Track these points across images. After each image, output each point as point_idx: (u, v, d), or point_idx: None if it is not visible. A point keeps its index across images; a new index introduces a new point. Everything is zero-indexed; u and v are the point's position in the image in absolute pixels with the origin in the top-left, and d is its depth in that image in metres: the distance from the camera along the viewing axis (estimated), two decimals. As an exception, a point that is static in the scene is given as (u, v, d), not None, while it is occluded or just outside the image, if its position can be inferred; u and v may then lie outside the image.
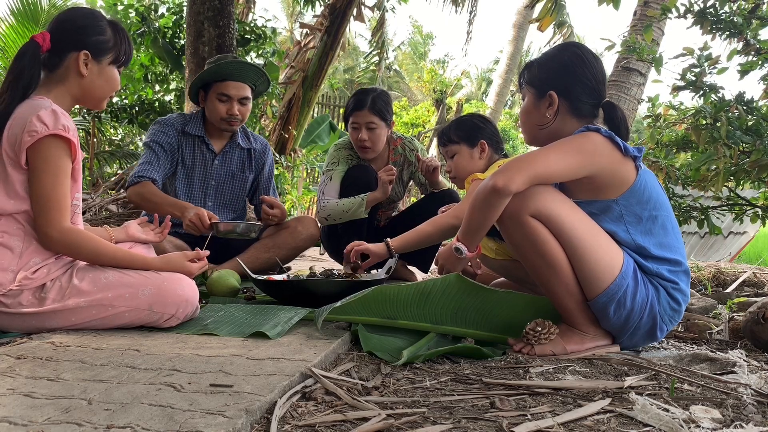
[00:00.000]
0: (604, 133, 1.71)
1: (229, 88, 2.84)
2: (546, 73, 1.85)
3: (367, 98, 3.02)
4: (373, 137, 3.03)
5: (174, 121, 2.92)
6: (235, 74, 2.84)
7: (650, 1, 5.29)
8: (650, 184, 1.75)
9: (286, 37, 17.12)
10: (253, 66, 2.91)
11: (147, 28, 6.77)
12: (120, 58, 1.88)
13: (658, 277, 1.73)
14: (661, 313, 1.73)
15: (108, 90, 1.88)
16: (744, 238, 8.30)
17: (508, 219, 1.72)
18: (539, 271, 1.74)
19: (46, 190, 1.67)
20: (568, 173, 1.69)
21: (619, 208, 1.72)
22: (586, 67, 1.81)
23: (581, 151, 1.68)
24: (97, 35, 1.82)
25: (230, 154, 3.00)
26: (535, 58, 1.95)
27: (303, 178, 9.33)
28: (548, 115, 1.83)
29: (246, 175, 3.05)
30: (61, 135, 1.67)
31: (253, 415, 1.07)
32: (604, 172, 1.70)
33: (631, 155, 1.72)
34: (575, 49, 1.88)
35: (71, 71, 1.80)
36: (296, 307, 2.02)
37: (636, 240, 1.73)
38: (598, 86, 1.82)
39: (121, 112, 7.34)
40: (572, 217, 1.68)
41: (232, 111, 2.84)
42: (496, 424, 1.13)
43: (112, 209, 5.59)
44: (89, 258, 1.77)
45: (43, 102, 1.70)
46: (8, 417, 1.01)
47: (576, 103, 1.81)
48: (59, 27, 1.81)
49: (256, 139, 3.13)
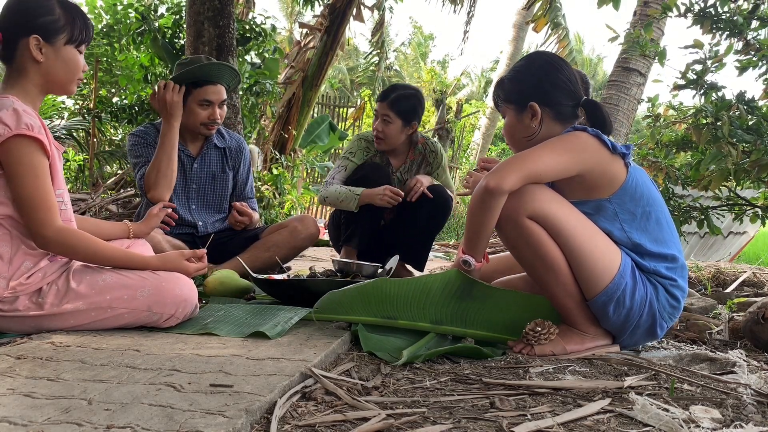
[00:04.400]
0: (591, 132, 1.73)
1: (209, 93, 2.75)
2: (521, 86, 1.87)
3: (391, 93, 3.06)
4: (386, 130, 3.05)
5: (150, 132, 2.84)
6: (213, 77, 2.76)
7: (650, 1, 5.30)
8: (641, 181, 1.76)
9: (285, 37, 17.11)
10: (228, 66, 2.84)
11: (147, 27, 6.76)
12: (76, 37, 1.75)
13: (655, 274, 1.73)
14: (660, 310, 1.73)
15: (70, 72, 1.76)
16: (744, 238, 8.31)
17: (505, 221, 1.72)
18: (538, 273, 1.75)
19: (29, 191, 1.63)
20: (560, 171, 1.70)
21: (612, 206, 1.73)
22: (560, 72, 1.83)
23: (571, 148, 1.70)
24: (44, 16, 1.70)
25: (208, 156, 2.95)
26: (505, 75, 1.96)
27: (303, 178, 9.33)
28: (533, 125, 1.84)
29: (227, 174, 3.01)
30: (27, 135, 1.61)
31: (253, 415, 1.07)
32: (595, 169, 1.71)
33: (620, 152, 1.73)
34: (544, 57, 1.92)
35: (27, 59, 1.70)
36: (296, 307, 2.02)
37: (632, 237, 1.73)
38: (574, 87, 1.84)
39: (121, 112, 7.33)
40: (569, 218, 1.69)
41: (215, 116, 2.78)
42: (496, 424, 1.13)
43: (112, 209, 5.59)
44: (86, 258, 1.76)
45: (5, 101, 1.64)
46: (8, 417, 1.01)
47: (558, 108, 1.83)
48: (5, 15, 1.71)
49: (231, 136, 3.06)
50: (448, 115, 13.70)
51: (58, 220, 1.68)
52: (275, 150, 8.18)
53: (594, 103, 1.85)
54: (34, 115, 1.68)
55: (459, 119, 13.43)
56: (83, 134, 8.64)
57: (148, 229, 2.22)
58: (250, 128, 6.86)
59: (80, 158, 8.26)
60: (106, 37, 7.26)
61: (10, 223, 1.67)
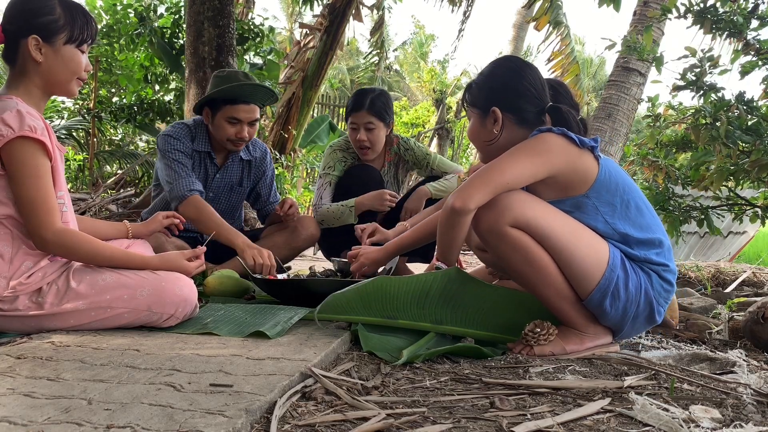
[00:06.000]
0: (556, 132, 1.72)
1: (240, 111, 2.72)
2: (486, 92, 1.87)
3: (365, 99, 3.03)
4: (372, 137, 3.04)
5: (184, 134, 2.83)
6: (247, 96, 2.74)
7: (650, 2, 5.30)
8: (614, 171, 1.76)
9: (286, 37, 17.11)
10: (264, 87, 2.83)
11: (146, 28, 6.77)
12: (76, 36, 1.73)
13: (647, 262, 1.74)
14: (656, 297, 1.74)
15: (70, 72, 1.75)
16: (744, 238, 8.31)
17: (487, 233, 1.72)
18: (529, 279, 1.74)
19: (30, 192, 1.63)
20: (527, 177, 1.70)
21: (591, 201, 1.73)
22: (523, 78, 1.83)
23: (535, 153, 1.70)
24: (43, 16, 1.69)
25: (231, 168, 2.95)
26: (474, 79, 1.96)
27: (303, 178, 9.33)
28: (495, 131, 1.85)
29: (244, 187, 3.02)
30: (29, 136, 1.61)
31: (253, 415, 1.07)
32: (565, 169, 1.71)
33: (588, 146, 1.73)
34: (509, 63, 1.93)
35: (28, 60, 1.70)
36: (296, 306, 2.02)
37: (617, 228, 1.73)
38: (539, 93, 1.84)
39: (120, 112, 7.34)
40: (551, 219, 1.69)
41: (242, 134, 2.76)
42: (496, 424, 1.13)
43: (112, 209, 5.59)
44: (85, 258, 1.76)
45: (9, 102, 1.64)
46: (8, 417, 1.01)
47: (520, 113, 1.83)
48: (7, 15, 1.70)
49: (256, 146, 3.05)
50: (448, 115, 13.71)
51: (57, 222, 1.68)
52: (275, 150, 8.18)
53: (558, 109, 1.84)
54: (38, 117, 1.68)
55: (459, 119, 13.44)
56: (83, 134, 8.64)
57: (147, 232, 2.21)
58: (249, 128, 6.85)
59: (80, 158, 8.27)
60: (106, 37, 7.27)
61: (12, 222, 1.67)
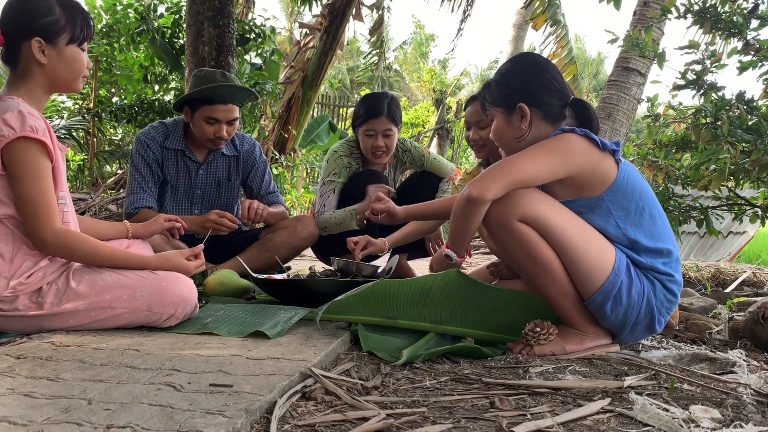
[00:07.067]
0: (579, 133, 1.72)
1: (217, 111, 2.75)
2: (509, 89, 1.86)
3: (382, 105, 2.96)
4: (389, 143, 2.99)
5: (155, 135, 2.86)
6: (224, 97, 2.75)
7: (650, 2, 5.30)
8: (632, 177, 1.76)
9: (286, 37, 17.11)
10: (243, 88, 2.83)
11: (146, 27, 6.77)
12: (77, 36, 1.75)
13: (652, 270, 1.73)
14: (658, 306, 1.74)
15: (75, 71, 1.76)
16: (744, 238, 8.30)
17: (496, 226, 1.72)
18: (533, 275, 1.74)
19: (30, 193, 1.63)
20: (546, 175, 1.70)
21: (605, 203, 1.73)
22: (546, 72, 1.83)
23: (557, 152, 1.70)
24: (44, 17, 1.69)
25: (215, 163, 2.95)
26: (491, 79, 1.95)
27: (303, 178, 9.33)
28: (523, 127, 1.83)
29: (233, 182, 3.01)
30: (31, 137, 1.61)
31: (252, 415, 1.07)
32: (584, 170, 1.71)
33: (610, 150, 1.73)
34: (530, 58, 1.92)
35: (31, 62, 1.70)
36: (296, 306, 2.02)
37: (627, 234, 1.73)
38: (561, 87, 1.84)
39: (120, 112, 7.34)
40: (560, 218, 1.69)
41: (221, 133, 2.78)
42: (496, 424, 1.13)
43: (111, 209, 5.59)
44: (85, 259, 1.76)
45: (10, 103, 1.64)
46: (8, 417, 1.01)
47: (546, 108, 1.82)
48: (6, 17, 1.70)
49: (244, 140, 3.04)
50: (447, 115, 13.71)
51: (57, 223, 1.68)
52: (275, 150, 8.18)
53: (582, 102, 1.85)
54: (39, 117, 1.68)
55: (459, 119, 13.44)
56: (83, 134, 8.64)
57: (147, 233, 2.21)
58: (249, 128, 6.86)
59: (80, 158, 8.27)
60: (106, 36, 7.27)
61: (13, 222, 1.68)
